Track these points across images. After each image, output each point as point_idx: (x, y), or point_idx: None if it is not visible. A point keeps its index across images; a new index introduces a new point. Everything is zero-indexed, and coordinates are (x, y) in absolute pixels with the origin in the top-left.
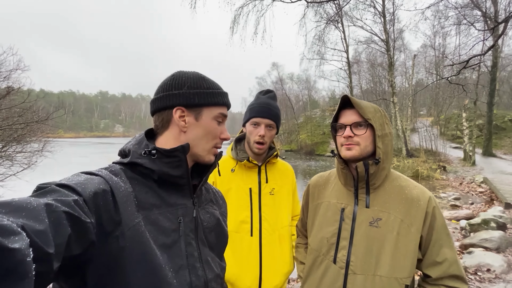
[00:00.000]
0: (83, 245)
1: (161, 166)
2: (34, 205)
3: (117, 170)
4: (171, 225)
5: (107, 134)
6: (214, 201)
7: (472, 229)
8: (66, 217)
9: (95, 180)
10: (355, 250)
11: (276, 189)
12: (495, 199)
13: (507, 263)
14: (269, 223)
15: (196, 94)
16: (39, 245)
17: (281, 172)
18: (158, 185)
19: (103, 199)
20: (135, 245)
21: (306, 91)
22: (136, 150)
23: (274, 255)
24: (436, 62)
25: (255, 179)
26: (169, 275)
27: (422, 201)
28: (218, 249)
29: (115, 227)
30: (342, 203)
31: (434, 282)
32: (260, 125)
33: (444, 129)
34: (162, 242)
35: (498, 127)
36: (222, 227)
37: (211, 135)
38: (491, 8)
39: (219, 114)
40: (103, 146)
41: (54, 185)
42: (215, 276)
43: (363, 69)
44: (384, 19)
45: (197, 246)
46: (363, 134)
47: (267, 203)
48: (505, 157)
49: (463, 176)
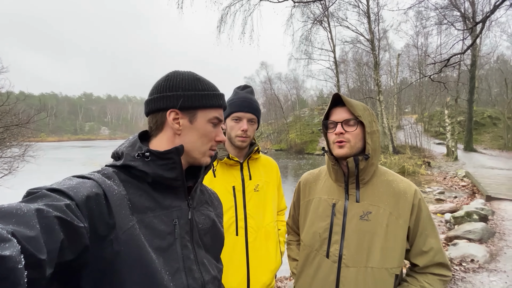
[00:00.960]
0: (76, 250)
1: (155, 169)
2: (25, 211)
3: (110, 173)
4: (166, 228)
5: (92, 137)
6: (210, 203)
7: (456, 222)
8: (58, 222)
9: (88, 183)
10: (347, 244)
11: (260, 185)
12: (476, 192)
13: (490, 253)
14: (255, 220)
15: (190, 97)
16: (30, 252)
17: (265, 168)
18: (152, 188)
19: (96, 202)
20: (130, 249)
21: (294, 90)
22: (129, 153)
23: (260, 252)
24: (419, 61)
25: (238, 177)
26: (166, 278)
27: (409, 194)
28: (214, 251)
29: (109, 231)
30: (333, 199)
31: (421, 270)
32: (242, 120)
33: (428, 126)
34: (157, 245)
35: (478, 123)
36: (218, 228)
37: (206, 138)
38: (469, 9)
39: (214, 117)
40: (89, 150)
41: (45, 190)
42: (212, 278)
43: (350, 68)
44: (368, 19)
45: (193, 249)
46: (354, 131)
47: (252, 201)
48: (485, 151)
49: (447, 171)
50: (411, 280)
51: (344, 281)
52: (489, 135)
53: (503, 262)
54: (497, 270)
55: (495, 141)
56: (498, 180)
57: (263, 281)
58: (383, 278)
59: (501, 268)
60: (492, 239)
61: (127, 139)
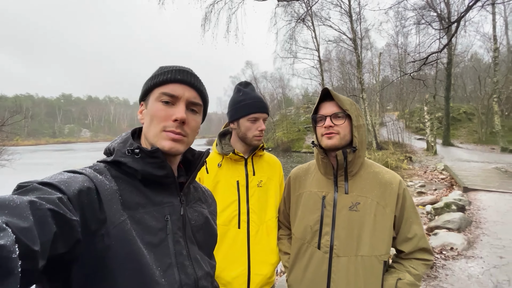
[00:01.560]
0: (68, 243)
1: (144, 166)
2: (18, 203)
3: (101, 169)
4: (157, 224)
5: (72, 140)
6: (203, 200)
7: (437, 213)
8: (51, 215)
9: (79, 178)
10: (338, 235)
11: (263, 181)
12: (454, 184)
13: (467, 241)
14: (257, 215)
15: (146, 83)
16: (24, 242)
17: (268, 165)
18: (143, 184)
19: (88, 197)
20: (121, 244)
21: (280, 89)
22: (120, 149)
23: (262, 246)
24: (400, 60)
25: (242, 172)
26: (157, 273)
27: (394, 184)
28: (207, 248)
29: (100, 226)
30: (322, 191)
31: (407, 256)
32: (259, 120)
33: (409, 122)
34: (148, 241)
35: (455, 118)
36: (211, 225)
37: (156, 117)
38: (445, 9)
39: (160, 93)
40: (69, 153)
41: (36, 183)
42: (205, 274)
43: (334, 67)
44: (350, 18)
45: (185, 244)
46: (342, 123)
47: (254, 195)
48: (462, 146)
49: (427, 165)
50: (398, 266)
51: (335, 271)
52: (465, 130)
53: (479, 248)
54: (474, 256)
55: (470, 135)
56: (473, 172)
57: (263, 273)
58: (372, 265)
59: (478, 254)
60: (469, 228)
61: (120, 136)
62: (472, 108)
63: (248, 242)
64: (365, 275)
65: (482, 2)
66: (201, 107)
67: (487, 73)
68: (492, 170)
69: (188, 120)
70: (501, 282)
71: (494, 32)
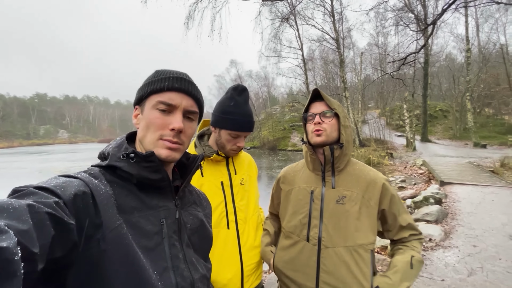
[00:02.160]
0: (66, 247)
1: (140, 170)
2: (16, 206)
3: (96, 173)
4: (153, 228)
5: (49, 141)
6: (198, 203)
7: (416, 206)
8: (49, 218)
9: (75, 182)
10: (326, 227)
11: (245, 179)
12: (432, 178)
13: (444, 232)
14: (243, 213)
15: (141, 88)
16: (24, 245)
17: (245, 162)
18: (139, 188)
19: (83, 201)
20: (117, 248)
21: (265, 88)
22: (115, 153)
23: (251, 243)
24: (380, 59)
25: (225, 172)
26: (154, 277)
27: (378, 180)
28: (202, 251)
29: (96, 230)
30: (311, 187)
31: (407, 239)
32: (240, 137)
33: (390, 120)
34: (144, 245)
35: (432, 116)
36: (206, 228)
37: (153, 125)
38: (421, 11)
39: (157, 101)
40: (46, 156)
41: (32, 188)
42: (201, 277)
43: (317, 66)
44: (333, 18)
45: (181, 248)
46: (330, 121)
47: (239, 194)
48: (438, 141)
49: (407, 161)
50: (404, 247)
51: (324, 261)
52: (441, 126)
53: (455, 239)
54: (450, 246)
55: (446, 131)
56: (449, 167)
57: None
58: (359, 254)
59: (454, 244)
60: (446, 219)
61: (115, 140)
62: (447, 105)
63: (239, 241)
64: (353, 264)
65: (455, 4)
66: (197, 114)
67: (460, 73)
68: (466, 164)
69: (184, 129)
70: (475, 269)
71: (466, 34)
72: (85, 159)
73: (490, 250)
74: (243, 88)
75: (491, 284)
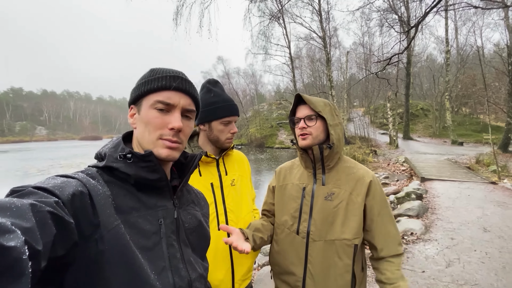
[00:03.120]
0: (67, 246)
1: (137, 170)
2: (18, 205)
3: (94, 173)
4: (151, 228)
5: (25, 139)
6: (196, 203)
7: (399, 202)
8: (51, 217)
9: (73, 182)
10: (314, 222)
11: (236, 179)
12: (413, 175)
13: (424, 226)
14: (234, 213)
15: (136, 88)
16: (28, 243)
17: (237, 162)
18: (137, 188)
19: (81, 201)
20: (115, 248)
21: (253, 85)
22: (112, 154)
23: None
24: (365, 59)
25: (215, 174)
26: (152, 277)
27: (366, 177)
28: (200, 250)
29: (94, 230)
30: (303, 183)
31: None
32: (231, 123)
33: (374, 118)
34: (142, 245)
35: (413, 114)
36: (204, 228)
37: (151, 125)
38: (405, 13)
39: (155, 101)
40: (24, 153)
41: (31, 188)
42: (198, 276)
43: (304, 64)
44: (320, 17)
45: (179, 247)
46: (314, 125)
47: (230, 195)
48: (419, 139)
49: (390, 158)
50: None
51: (312, 253)
52: (422, 124)
53: (434, 232)
54: (430, 239)
55: (426, 130)
56: (429, 163)
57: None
58: (344, 248)
59: (434, 237)
60: (426, 214)
61: (111, 140)
62: (428, 104)
63: None
64: (336, 256)
65: (437, 8)
66: (194, 113)
67: (440, 73)
68: (444, 161)
69: (183, 128)
70: (452, 261)
71: (446, 36)
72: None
73: (466, 242)
74: (215, 80)
75: (467, 274)
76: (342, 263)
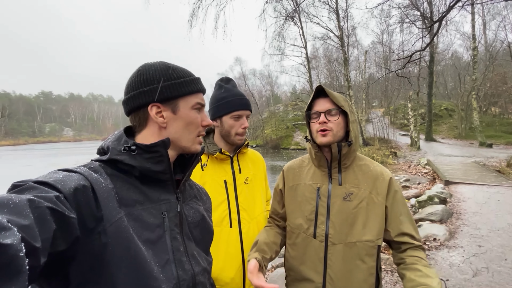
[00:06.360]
0: (68, 241)
1: (142, 162)
2: (16, 201)
3: (96, 167)
4: (155, 221)
5: (54, 139)
6: (198, 197)
7: (420, 206)
8: (50, 213)
9: (74, 176)
10: (332, 224)
11: (250, 178)
12: (436, 178)
13: (449, 232)
14: (247, 212)
15: (168, 87)
16: (26, 240)
17: (252, 161)
18: (140, 181)
19: (84, 195)
20: (118, 241)
21: (268, 86)
22: (115, 147)
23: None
24: (384, 57)
25: (228, 171)
26: (155, 269)
27: (385, 175)
28: (203, 244)
29: (97, 224)
30: (317, 183)
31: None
32: (242, 117)
33: (394, 119)
34: (146, 238)
35: (437, 115)
36: (207, 222)
37: (193, 125)
38: (427, 9)
39: (196, 103)
40: (51, 152)
41: (32, 182)
42: (202, 270)
43: (321, 64)
44: (337, 16)
45: (182, 241)
46: (336, 120)
47: (243, 193)
48: (443, 141)
49: (411, 160)
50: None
51: (331, 257)
52: (446, 125)
53: (460, 238)
54: (455, 246)
55: (451, 131)
56: (454, 166)
57: None
58: (366, 250)
59: (459, 244)
60: (450, 219)
61: (112, 134)
62: (453, 104)
63: (241, 240)
64: (359, 259)
65: (462, 2)
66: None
67: (466, 71)
68: (471, 164)
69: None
70: (480, 270)
71: (473, 31)
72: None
73: (496, 251)
74: (227, 78)
75: (497, 285)
76: (365, 266)
